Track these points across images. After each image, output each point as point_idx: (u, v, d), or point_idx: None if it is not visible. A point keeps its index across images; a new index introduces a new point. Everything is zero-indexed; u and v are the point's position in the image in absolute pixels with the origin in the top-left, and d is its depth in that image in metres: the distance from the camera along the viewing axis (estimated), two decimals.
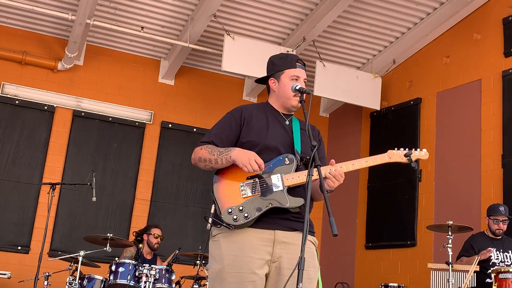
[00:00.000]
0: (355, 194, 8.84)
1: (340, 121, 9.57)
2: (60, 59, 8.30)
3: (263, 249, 2.95)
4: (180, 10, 7.88)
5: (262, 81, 3.35)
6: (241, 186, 3.01)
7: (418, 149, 3.17)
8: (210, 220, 3.05)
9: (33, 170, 8.05)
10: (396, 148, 3.14)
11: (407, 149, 3.16)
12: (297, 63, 3.23)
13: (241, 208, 2.95)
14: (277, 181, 3.01)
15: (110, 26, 7.91)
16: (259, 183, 3.01)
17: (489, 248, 5.80)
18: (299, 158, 3.07)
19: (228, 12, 7.82)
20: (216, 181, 3.07)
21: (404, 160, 3.12)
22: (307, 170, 2.81)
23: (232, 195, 2.99)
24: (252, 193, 2.99)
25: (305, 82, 3.22)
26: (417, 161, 3.16)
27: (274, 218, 2.97)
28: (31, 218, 7.93)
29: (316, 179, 2.86)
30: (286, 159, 3.06)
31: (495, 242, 6.11)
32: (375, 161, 3.11)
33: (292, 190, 3.02)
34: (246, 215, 2.93)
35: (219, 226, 2.99)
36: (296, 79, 3.20)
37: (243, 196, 2.98)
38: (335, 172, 2.98)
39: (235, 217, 2.93)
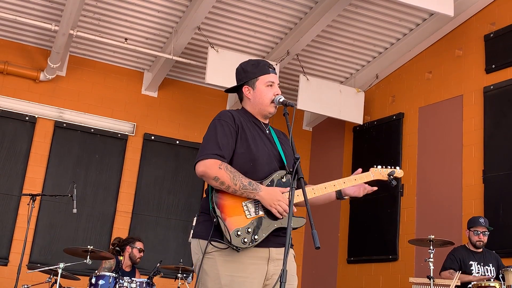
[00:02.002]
0: (337, 208, 8.85)
1: (323, 135, 9.60)
2: (42, 69, 8.25)
3: (258, 267, 2.93)
4: (165, 22, 7.88)
5: (232, 90, 3.26)
6: (244, 205, 2.94)
7: (398, 167, 3.37)
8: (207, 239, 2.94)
9: (13, 181, 7.96)
10: (375, 166, 3.27)
11: (388, 167, 3.32)
12: (269, 69, 3.17)
13: (249, 230, 2.88)
14: None
15: (94, 37, 7.88)
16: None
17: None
18: (288, 171, 3.05)
19: (212, 25, 7.83)
20: (217, 200, 2.94)
21: (385, 178, 3.32)
22: (303, 189, 2.81)
23: (237, 215, 2.91)
24: (256, 213, 2.93)
25: (278, 85, 3.19)
26: (396, 179, 3.35)
27: (267, 235, 2.94)
28: (10, 230, 7.82)
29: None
30: (284, 177, 3.03)
31: (476, 256, 6.16)
32: (362, 179, 3.27)
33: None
34: (255, 237, 2.88)
35: (224, 248, 2.89)
36: (271, 85, 3.14)
37: (248, 217, 2.92)
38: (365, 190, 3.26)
39: (245, 239, 2.86)
